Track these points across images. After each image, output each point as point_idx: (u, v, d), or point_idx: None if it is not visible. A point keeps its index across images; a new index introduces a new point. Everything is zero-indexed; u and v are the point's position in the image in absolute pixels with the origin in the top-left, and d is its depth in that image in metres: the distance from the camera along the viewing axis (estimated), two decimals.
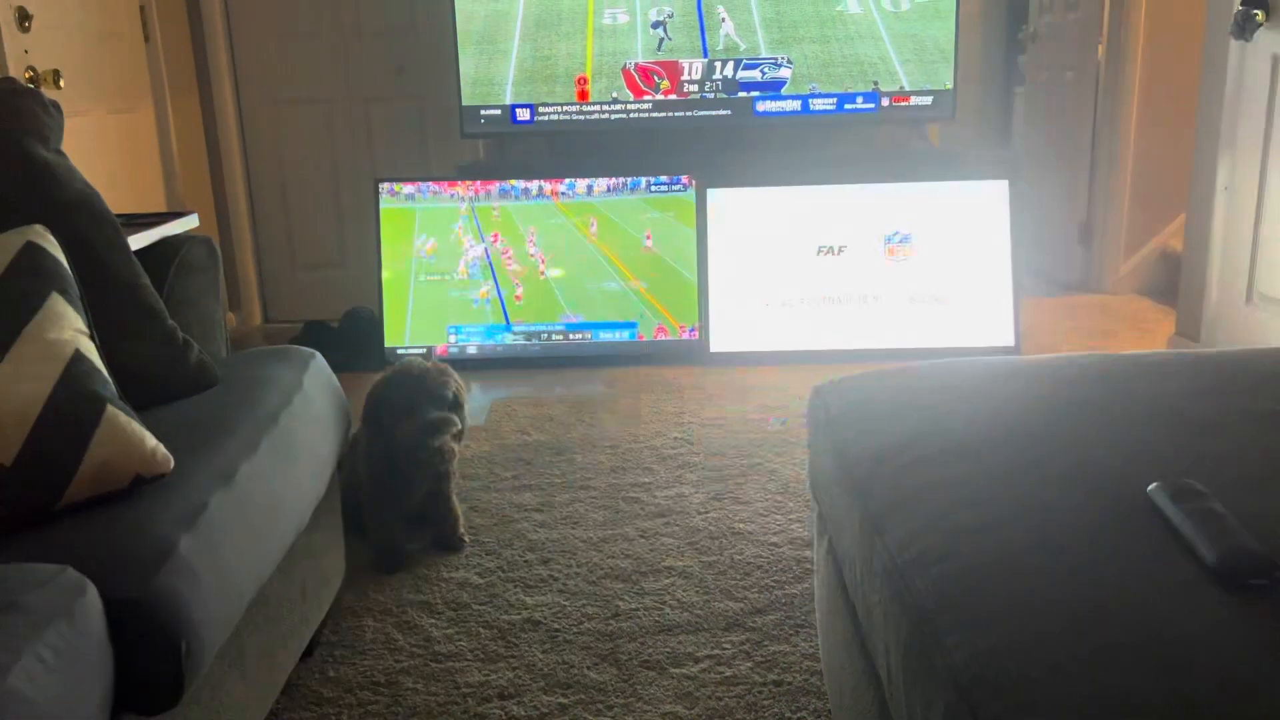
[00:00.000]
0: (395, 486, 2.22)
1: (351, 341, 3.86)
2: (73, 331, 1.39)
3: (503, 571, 2.19)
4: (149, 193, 3.90)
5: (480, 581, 2.15)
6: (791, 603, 2.02)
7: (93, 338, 1.43)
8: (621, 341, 3.77)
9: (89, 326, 1.44)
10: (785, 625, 1.94)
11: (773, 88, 3.88)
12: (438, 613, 2.03)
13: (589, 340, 3.77)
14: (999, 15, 5.70)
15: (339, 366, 2.10)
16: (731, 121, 3.93)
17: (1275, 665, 0.85)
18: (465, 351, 3.76)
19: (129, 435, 1.31)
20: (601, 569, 2.18)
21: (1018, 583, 1.01)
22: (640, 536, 2.33)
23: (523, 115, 3.93)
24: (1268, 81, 3.00)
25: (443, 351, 3.74)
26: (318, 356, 1.93)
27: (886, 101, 3.88)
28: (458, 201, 3.80)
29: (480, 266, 3.79)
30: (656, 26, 3.85)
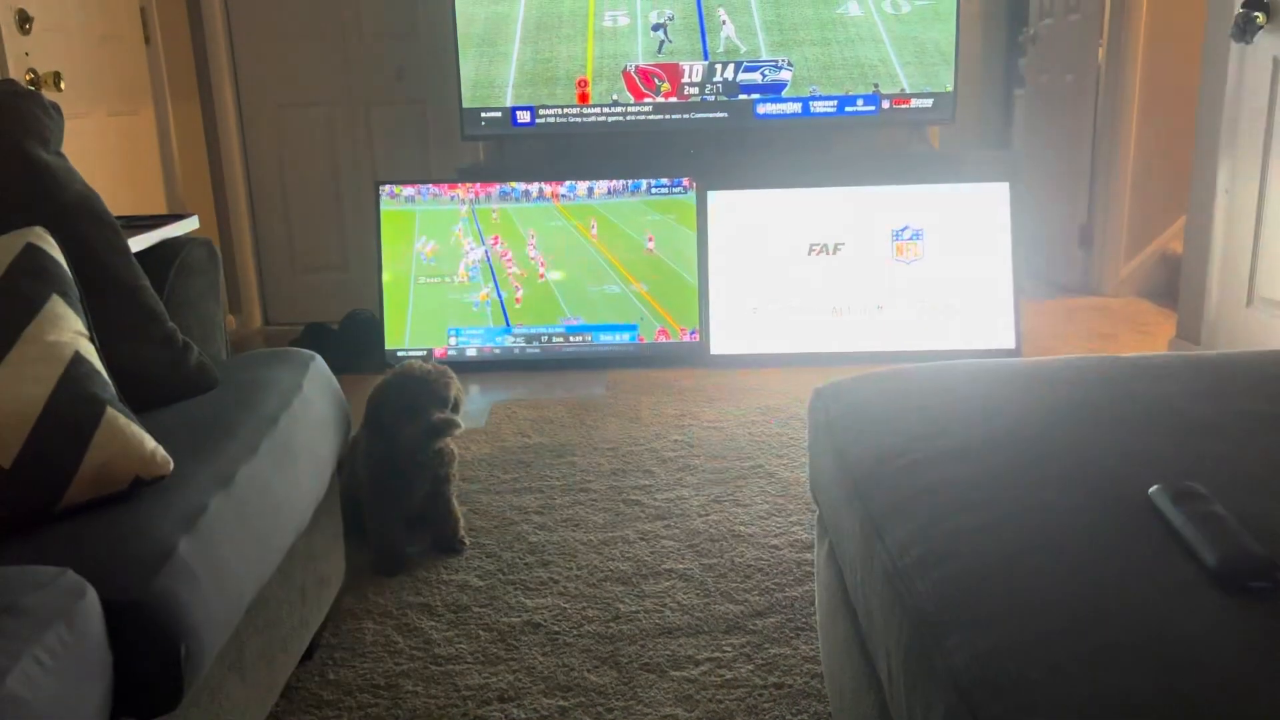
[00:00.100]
0: (395, 489, 2.21)
1: (351, 344, 3.87)
2: (73, 333, 1.39)
3: (503, 574, 2.19)
4: (149, 195, 3.90)
5: (480, 584, 2.15)
6: (792, 605, 2.01)
7: (93, 340, 1.43)
8: (622, 344, 3.77)
9: (89, 328, 1.44)
10: (786, 628, 1.93)
11: (773, 90, 3.89)
12: (438, 615, 2.03)
13: (589, 343, 3.77)
14: (999, 18, 5.69)
15: (339, 369, 2.10)
16: (732, 124, 3.93)
17: (1275, 667, 0.85)
18: (465, 354, 3.76)
19: (128, 437, 1.31)
20: (602, 571, 2.18)
21: (1018, 584, 1.00)
22: (640, 539, 2.33)
23: (523, 118, 3.94)
24: (1268, 84, 3.00)
25: (442, 354, 3.74)
26: (318, 359, 1.93)
27: (887, 104, 3.88)
28: (458, 204, 3.80)
29: (480, 269, 3.79)
30: (657, 29, 3.85)
